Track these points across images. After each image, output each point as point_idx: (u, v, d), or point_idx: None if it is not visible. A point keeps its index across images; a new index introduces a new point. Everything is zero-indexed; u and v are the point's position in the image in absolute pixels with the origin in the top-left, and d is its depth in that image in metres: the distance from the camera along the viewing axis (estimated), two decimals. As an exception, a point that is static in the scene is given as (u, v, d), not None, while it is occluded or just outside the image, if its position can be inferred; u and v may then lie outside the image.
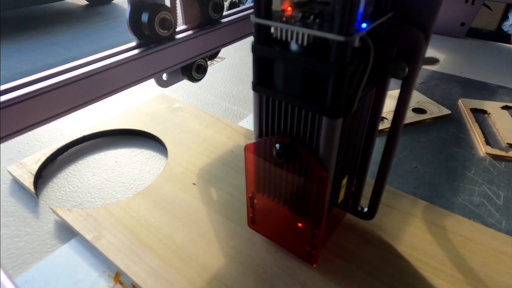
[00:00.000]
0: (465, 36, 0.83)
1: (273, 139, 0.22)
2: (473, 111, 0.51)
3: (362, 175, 0.28)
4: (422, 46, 0.20)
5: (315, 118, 0.20)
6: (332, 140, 0.20)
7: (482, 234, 0.30)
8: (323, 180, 0.21)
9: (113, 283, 0.27)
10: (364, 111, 0.24)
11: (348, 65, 0.17)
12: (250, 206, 0.28)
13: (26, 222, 0.33)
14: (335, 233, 0.30)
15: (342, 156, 0.23)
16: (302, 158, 0.22)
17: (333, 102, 0.18)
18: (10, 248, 0.30)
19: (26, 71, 0.69)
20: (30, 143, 0.44)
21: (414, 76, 0.22)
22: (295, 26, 0.18)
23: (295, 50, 0.19)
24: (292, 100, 0.20)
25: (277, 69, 0.20)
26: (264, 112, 0.23)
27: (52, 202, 0.35)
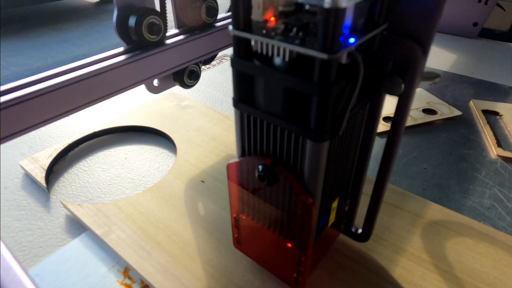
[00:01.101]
0: (478, 37, 0.82)
1: (255, 160, 0.20)
2: (485, 112, 0.51)
3: (356, 195, 0.26)
4: (420, 61, 0.18)
5: (298, 140, 0.18)
6: (318, 165, 0.18)
7: (493, 237, 0.30)
8: (308, 206, 0.19)
9: (122, 278, 0.28)
10: (356, 130, 0.22)
11: (333, 85, 0.15)
12: (235, 226, 0.26)
13: (38, 216, 0.33)
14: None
15: (331, 179, 0.21)
16: (286, 182, 0.20)
17: (317, 124, 0.17)
18: (22, 241, 0.31)
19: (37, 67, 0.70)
20: (42, 139, 0.44)
21: (411, 93, 0.20)
22: (275, 40, 0.16)
23: (278, 66, 0.17)
24: (274, 120, 0.18)
25: (258, 86, 0.18)
26: (246, 131, 0.21)
27: (63, 197, 0.36)
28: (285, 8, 0.17)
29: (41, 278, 0.28)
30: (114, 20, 0.30)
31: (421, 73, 0.19)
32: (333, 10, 0.13)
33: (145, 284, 0.27)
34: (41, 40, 0.85)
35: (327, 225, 0.24)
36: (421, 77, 0.20)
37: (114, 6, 0.30)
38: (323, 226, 0.24)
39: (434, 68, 0.66)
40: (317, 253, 0.27)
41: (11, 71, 0.68)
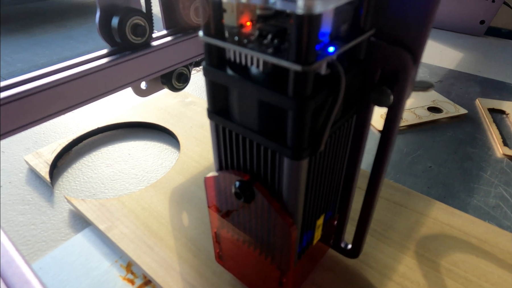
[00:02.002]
0: (484, 35, 0.81)
1: (232, 176, 0.19)
2: (491, 111, 0.50)
3: (345, 209, 0.25)
4: (410, 70, 0.17)
5: (275, 157, 0.17)
6: (297, 184, 0.17)
7: (498, 236, 0.30)
8: (287, 227, 0.18)
9: (124, 273, 0.28)
10: (343, 143, 0.20)
11: (309, 99, 0.14)
12: (216, 241, 0.25)
13: (42, 210, 0.34)
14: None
15: (314, 196, 0.19)
16: (264, 201, 0.18)
17: (294, 141, 0.15)
18: (26, 235, 0.31)
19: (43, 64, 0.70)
20: (46, 134, 0.45)
21: (401, 104, 0.18)
22: (246, 48, 0.14)
23: (254, 76, 0.15)
24: (250, 134, 0.17)
25: (232, 97, 0.17)
26: (222, 144, 0.19)
27: (67, 191, 0.36)
28: (264, 12, 0.15)
29: (45, 272, 0.28)
30: (96, 21, 0.29)
31: (412, 83, 0.18)
32: (306, 17, 0.12)
33: (147, 279, 0.27)
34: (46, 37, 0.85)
35: (312, 243, 0.23)
36: (412, 87, 0.18)
37: (97, 6, 0.29)
38: (307, 245, 0.22)
39: (441, 66, 0.66)
40: (302, 272, 0.25)
41: (17, 67, 0.68)
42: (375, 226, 0.31)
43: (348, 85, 0.17)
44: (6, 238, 0.20)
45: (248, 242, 0.22)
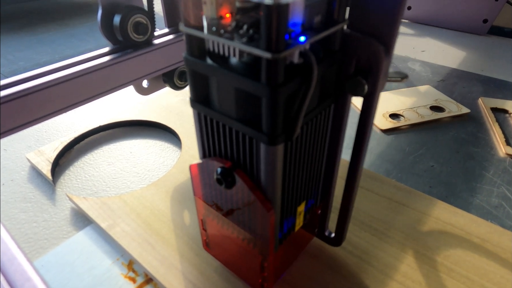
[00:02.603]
0: (487, 34, 0.81)
1: (215, 163, 0.20)
2: (494, 110, 0.50)
3: (327, 199, 0.25)
4: (382, 60, 0.17)
5: (252, 143, 0.17)
6: (274, 169, 0.17)
7: (500, 236, 0.30)
8: (265, 212, 0.19)
9: (126, 271, 0.28)
10: (321, 131, 0.21)
11: (281, 86, 0.15)
12: (203, 229, 0.26)
13: (44, 208, 0.34)
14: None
15: (293, 183, 0.20)
16: (244, 187, 0.19)
17: (269, 127, 0.16)
18: (28, 233, 0.31)
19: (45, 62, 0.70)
20: (48, 132, 0.45)
21: (375, 94, 0.18)
22: (221, 38, 0.15)
23: (233, 66, 0.16)
24: (229, 121, 0.18)
25: (212, 86, 0.18)
26: (204, 131, 0.20)
27: (69, 189, 0.36)
28: (243, 4, 0.16)
29: (46, 270, 0.28)
30: (98, 19, 0.29)
31: (385, 74, 0.18)
32: (275, 7, 0.13)
33: (149, 277, 0.27)
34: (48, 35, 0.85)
35: (294, 229, 0.23)
36: (386, 77, 0.18)
37: (99, 4, 0.29)
38: (288, 231, 0.23)
39: (443, 65, 0.65)
40: (285, 258, 0.26)
41: (19, 65, 0.68)
42: (377, 225, 0.31)
43: (323, 75, 0.18)
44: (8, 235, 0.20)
45: (232, 228, 0.23)
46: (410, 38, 0.79)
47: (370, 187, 0.35)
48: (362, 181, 0.35)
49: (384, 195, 0.34)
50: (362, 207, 0.32)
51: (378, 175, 0.36)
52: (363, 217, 0.31)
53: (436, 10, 0.84)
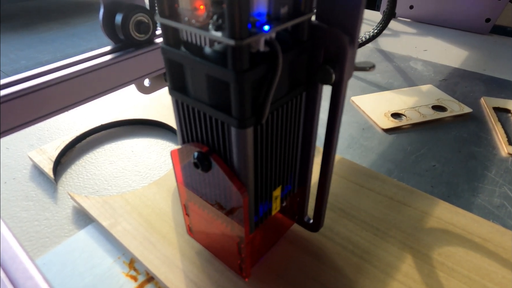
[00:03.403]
0: (490, 33, 0.81)
1: (192, 148, 0.21)
2: (496, 110, 0.50)
3: (305, 185, 0.26)
4: (347, 50, 0.18)
5: (224, 127, 0.19)
6: (245, 152, 0.18)
7: (502, 236, 0.30)
8: (239, 194, 0.20)
9: (127, 270, 0.28)
10: (293, 119, 0.22)
11: (246, 72, 0.15)
12: (186, 214, 0.27)
13: (45, 207, 0.34)
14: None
15: (265, 167, 0.21)
16: (219, 170, 0.20)
17: (237, 111, 0.17)
18: (30, 231, 0.31)
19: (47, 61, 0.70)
20: (50, 131, 0.45)
21: (342, 83, 0.20)
22: (192, 27, 0.16)
23: (206, 55, 0.17)
24: (203, 107, 0.19)
25: (187, 73, 0.19)
26: (182, 118, 0.21)
27: (70, 188, 0.36)
28: None
29: (48, 268, 0.28)
30: (100, 18, 0.29)
31: (351, 63, 0.19)
32: None
33: (150, 276, 0.27)
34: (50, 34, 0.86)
35: (271, 213, 0.24)
36: (352, 66, 0.19)
37: (100, 3, 0.29)
38: (265, 215, 0.24)
39: (445, 64, 0.65)
40: (264, 241, 0.27)
41: (21, 64, 0.68)
42: (378, 224, 0.31)
43: (292, 63, 0.19)
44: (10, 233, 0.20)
45: (211, 212, 0.24)
46: (412, 37, 0.78)
47: (372, 187, 0.35)
48: (363, 180, 0.35)
49: (386, 194, 0.34)
50: (363, 207, 0.32)
51: (380, 174, 0.36)
52: (365, 216, 0.31)
53: (438, 9, 0.84)
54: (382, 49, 0.72)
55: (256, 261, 0.27)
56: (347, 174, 0.36)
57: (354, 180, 0.35)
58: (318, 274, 0.27)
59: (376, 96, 0.53)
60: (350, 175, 0.36)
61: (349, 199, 0.33)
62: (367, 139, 0.44)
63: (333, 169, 0.37)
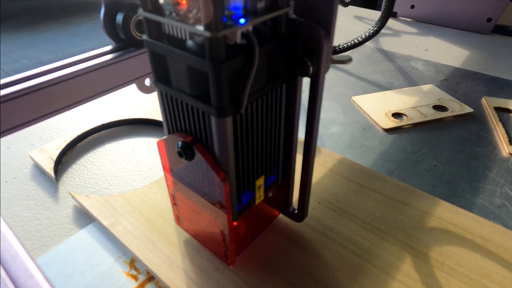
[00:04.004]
0: (491, 33, 0.80)
1: (177, 138, 0.22)
2: (497, 109, 0.50)
3: (288, 176, 0.27)
4: (323, 43, 0.19)
5: (205, 117, 0.19)
6: (225, 140, 0.19)
7: (503, 236, 0.30)
8: (220, 181, 0.20)
9: (128, 269, 0.28)
10: (274, 110, 0.22)
11: (222, 63, 0.16)
12: (174, 204, 0.27)
13: (46, 206, 0.34)
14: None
15: (246, 156, 0.22)
16: (202, 159, 0.21)
17: (216, 100, 0.18)
18: (31, 230, 0.31)
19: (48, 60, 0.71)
20: (51, 130, 0.45)
21: (320, 75, 0.20)
22: (172, 20, 0.17)
23: (186, 47, 0.18)
24: (185, 98, 0.19)
25: (169, 65, 0.20)
26: (167, 109, 0.22)
27: (71, 187, 0.36)
28: None
29: (49, 267, 0.28)
30: (101, 17, 0.29)
31: (327, 55, 0.20)
32: None
33: (151, 275, 0.27)
34: (51, 34, 0.86)
35: (254, 202, 0.25)
36: (329, 59, 0.20)
37: (101, 2, 0.29)
38: (248, 204, 0.25)
39: (446, 64, 0.65)
40: (249, 229, 0.28)
41: (22, 63, 0.69)
42: (379, 224, 0.31)
43: (270, 56, 0.20)
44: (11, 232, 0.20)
45: (197, 201, 0.24)
46: (413, 37, 0.78)
47: (372, 186, 0.34)
48: (364, 180, 0.35)
49: (386, 194, 0.34)
50: (364, 206, 0.32)
51: (381, 174, 0.36)
52: (365, 216, 0.31)
53: (439, 8, 0.84)
54: (383, 49, 0.72)
55: (241, 249, 0.28)
56: (348, 174, 0.36)
57: (355, 180, 0.35)
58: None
59: (377, 96, 0.53)
60: (351, 174, 0.36)
61: (350, 199, 0.33)
62: (368, 139, 0.44)
63: (334, 168, 0.37)
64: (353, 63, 0.65)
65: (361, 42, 0.55)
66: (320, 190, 0.34)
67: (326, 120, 0.48)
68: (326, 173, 0.36)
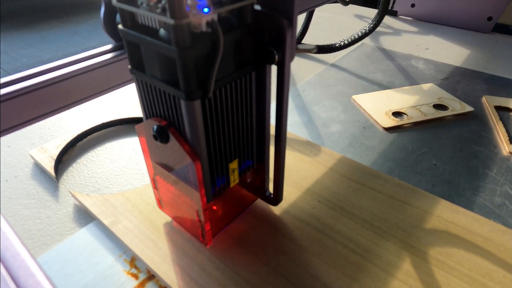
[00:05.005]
0: (492, 32, 0.80)
1: (153, 122, 0.23)
2: (498, 108, 0.49)
3: (263, 161, 0.28)
4: (286, 32, 0.20)
5: (176, 101, 0.21)
6: (194, 122, 0.20)
7: (503, 235, 0.30)
8: (191, 162, 0.22)
9: (128, 268, 0.28)
10: (244, 96, 0.24)
11: (187, 49, 0.17)
12: (155, 188, 0.29)
13: (47, 205, 0.34)
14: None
15: (218, 140, 0.23)
16: (175, 141, 0.22)
17: (183, 84, 0.19)
18: (31, 229, 0.31)
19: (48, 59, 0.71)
20: (52, 129, 0.45)
21: (285, 62, 0.22)
22: (140, 9, 0.18)
23: (157, 35, 0.19)
24: (158, 83, 0.21)
25: (142, 53, 0.21)
26: (143, 95, 0.23)
27: (71, 186, 0.36)
28: None
29: (50, 266, 0.28)
30: (101, 16, 0.29)
31: (291, 44, 0.21)
32: None
33: (151, 274, 0.27)
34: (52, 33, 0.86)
35: (229, 185, 0.26)
36: (293, 48, 0.22)
37: (101, 1, 0.28)
38: (223, 187, 0.26)
39: (447, 63, 0.65)
40: (225, 212, 0.29)
41: (22, 62, 0.69)
42: (379, 223, 0.31)
43: (238, 44, 0.21)
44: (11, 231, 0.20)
45: (174, 183, 0.26)
46: (413, 36, 0.78)
47: (373, 185, 0.34)
48: (364, 179, 0.35)
49: (387, 193, 0.34)
50: (364, 205, 0.32)
51: (381, 173, 0.36)
52: (365, 215, 0.31)
53: (439, 7, 0.83)
54: (384, 48, 0.72)
55: (218, 230, 0.29)
56: (348, 173, 0.36)
57: (355, 179, 0.35)
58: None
59: (377, 94, 0.53)
60: (351, 173, 0.36)
61: (350, 198, 0.33)
62: (368, 138, 0.44)
63: (334, 167, 0.37)
64: (354, 62, 0.65)
65: (358, 39, 0.55)
66: (320, 189, 0.34)
67: (326, 119, 0.48)
68: (326, 172, 0.36)
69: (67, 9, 1.05)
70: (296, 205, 0.32)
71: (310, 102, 0.52)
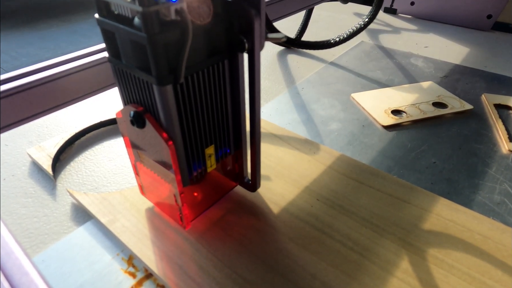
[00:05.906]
0: (491, 29, 0.80)
1: (130, 108, 0.23)
2: (497, 106, 0.49)
3: (240, 148, 0.29)
4: (255, 21, 0.21)
5: (149, 86, 0.21)
6: (167, 107, 0.21)
7: (502, 233, 0.29)
8: (166, 144, 0.22)
9: (126, 266, 0.28)
10: (218, 83, 0.24)
11: (156, 35, 0.18)
12: (136, 174, 0.29)
13: (44, 203, 0.34)
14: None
15: (192, 125, 0.24)
16: (151, 126, 0.23)
17: (154, 69, 0.19)
18: (29, 228, 0.31)
19: (47, 58, 0.70)
20: (50, 128, 0.45)
21: (255, 50, 0.23)
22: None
23: (133, 24, 0.19)
24: (133, 70, 0.21)
25: (118, 41, 0.21)
26: (120, 82, 0.24)
27: (69, 185, 0.36)
28: None
29: (47, 265, 0.28)
30: None
31: (260, 32, 0.22)
32: None
33: (148, 272, 0.27)
34: (51, 32, 0.85)
35: (206, 170, 0.27)
36: (262, 36, 0.23)
37: None
38: (201, 172, 0.27)
39: (446, 61, 0.65)
40: (204, 196, 0.30)
41: (22, 61, 0.68)
42: (378, 221, 0.30)
43: (208, 32, 0.21)
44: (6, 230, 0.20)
45: (153, 168, 0.26)
46: (413, 34, 0.78)
47: (372, 184, 0.34)
48: (363, 177, 0.35)
49: (386, 191, 0.34)
50: (363, 204, 0.32)
51: (380, 171, 0.36)
52: (364, 213, 0.31)
53: (439, 5, 0.83)
54: (383, 46, 0.71)
55: (197, 214, 0.30)
56: (347, 171, 0.36)
57: (354, 177, 0.35)
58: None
59: (376, 92, 0.53)
60: (350, 172, 0.36)
61: (349, 196, 0.33)
62: (367, 136, 0.44)
63: (333, 165, 0.36)
64: (353, 60, 0.64)
65: (350, 36, 0.55)
66: (319, 187, 0.34)
67: (325, 117, 0.47)
68: (325, 170, 0.36)
69: (66, 8, 1.04)
70: (295, 203, 0.32)
71: (309, 100, 0.52)
